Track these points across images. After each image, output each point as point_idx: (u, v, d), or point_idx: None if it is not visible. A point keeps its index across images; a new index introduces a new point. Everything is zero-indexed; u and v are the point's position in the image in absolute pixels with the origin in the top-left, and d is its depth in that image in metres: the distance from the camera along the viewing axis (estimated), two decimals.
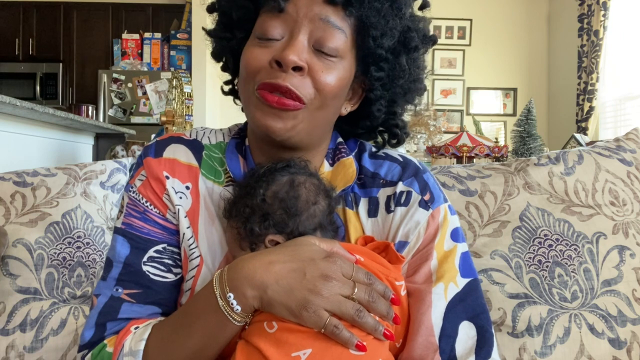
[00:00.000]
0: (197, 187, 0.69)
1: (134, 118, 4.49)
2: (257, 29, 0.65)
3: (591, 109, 4.21)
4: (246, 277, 0.56)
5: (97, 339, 0.65)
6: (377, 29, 0.64)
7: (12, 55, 4.99)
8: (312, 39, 0.62)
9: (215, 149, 0.72)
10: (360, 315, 0.55)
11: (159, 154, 0.70)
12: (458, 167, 1.01)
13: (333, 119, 0.69)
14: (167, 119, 2.28)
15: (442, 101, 5.13)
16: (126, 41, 4.85)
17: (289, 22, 0.62)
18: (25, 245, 0.93)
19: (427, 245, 0.67)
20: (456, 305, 0.65)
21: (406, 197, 0.68)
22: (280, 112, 0.62)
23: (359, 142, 0.76)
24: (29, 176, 1.02)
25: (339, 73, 0.64)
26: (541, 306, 0.85)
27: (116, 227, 0.69)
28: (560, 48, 4.94)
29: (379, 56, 0.66)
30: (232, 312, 0.56)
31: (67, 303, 0.93)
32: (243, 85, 0.66)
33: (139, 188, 0.69)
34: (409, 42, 0.68)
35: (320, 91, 0.62)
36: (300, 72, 0.61)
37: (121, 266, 0.67)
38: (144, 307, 0.66)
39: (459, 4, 5.06)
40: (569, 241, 0.88)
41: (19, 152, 2.45)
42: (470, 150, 2.58)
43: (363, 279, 0.58)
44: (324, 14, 0.62)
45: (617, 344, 0.83)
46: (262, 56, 0.62)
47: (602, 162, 0.96)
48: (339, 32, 0.63)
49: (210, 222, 0.68)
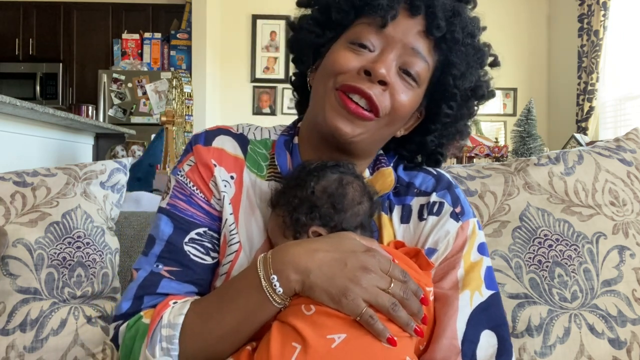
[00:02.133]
0: (241, 177, 0.73)
1: (134, 118, 4.49)
2: (353, 34, 0.68)
3: (591, 109, 4.21)
4: (291, 261, 0.59)
5: (133, 310, 0.67)
6: (459, 70, 0.69)
7: (12, 55, 4.99)
8: (399, 62, 0.67)
9: (260, 145, 0.76)
10: (395, 309, 0.58)
11: (209, 142, 0.73)
12: (458, 167, 1.01)
13: (390, 136, 0.74)
14: (167, 119, 2.28)
15: None
16: (126, 41, 4.85)
17: (384, 40, 0.67)
18: (25, 245, 0.93)
19: (455, 255, 0.70)
20: (480, 314, 0.68)
21: (439, 207, 0.72)
22: (353, 118, 0.65)
23: (396, 156, 0.79)
24: (29, 176, 1.02)
25: (414, 98, 0.68)
26: (541, 306, 0.85)
27: (161, 207, 0.72)
28: (560, 48, 4.94)
29: (453, 95, 0.71)
30: (273, 294, 0.59)
31: (67, 303, 0.93)
32: (322, 82, 0.69)
33: (187, 172, 0.72)
34: (478, 91, 0.73)
35: (394, 109, 0.67)
36: (384, 86, 0.65)
37: (163, 244, 0.69)
38: (182, 284, 0.68)
39: None
40: (569, 241, 0.88)
41: (19, 152, 2.46)
42: (470, 150, 2.58)
43: (399, 275, 0.61)
44: (416, 43, 0.67)
45: (617, 344, 0.83)
46: (353, 61, 0.66)
47: (602, 162, 0.96)
48: (423, 62, 0.67)
49: (250, 212, 0.72)
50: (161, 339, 0.62)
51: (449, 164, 1.62)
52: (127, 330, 0.66)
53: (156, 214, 0.73)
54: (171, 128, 2.29)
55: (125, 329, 0.66)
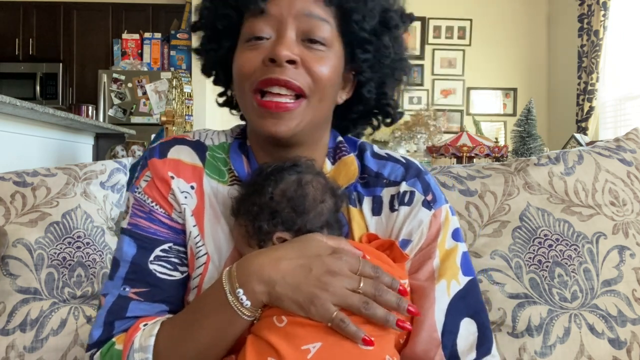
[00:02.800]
0: (201, 186, 0.70)
1: (134, 118, 4.49)
2: (244, 33, 0.67)
3: (591, 109, 4.21)
4: (255, 272, 0.58)
5: (105, 337, 0.65)
6: (357, 12, 0.66)
7: (12, 55, 4.98)
8: (299, 34, 0.65)
9: (219, 150, 0.74)
10: (367, 307, 0.56)
11: (164, 154, 0.71)
12: (458, 167, 1.00)
13: (331, 109, 0.71)
14: (167, 119, 2.28)
15: (442, 101, 5.13)
16: (126, 41, 4.85)
17: (274, 22, 0.64)
18: (25, 245, 0.93)
19: (429, 244, 0.69)
20: (458, 302, 0.66)
21: (409, 196, 0.70)
22: (281, 115, 0.64)
23: (359, 142, 0.77)
24: (29, 176, 1.02)
25: (330, 62, 0.66)
26: (541, 306, 0.85)
27: (122, 228, 0.70)
28: (560, 48, 4.93)
29: (363, 39, 0.68)
30: (241, 307, 0.58)
31: (67, 303, 0.93)
32: (239, 92, 0.68)
33: (145, 189, 0.70)
34: (389, 22, 0.70)
35: (316, 81, 0.64)
36: (295, 65, 0.63)
37: (128, 265, 0.68)
38: (152, 305, 0.67)
39: (459, 4, 5.06)
40: (569, 241, 0.88)
41: (19, 152, 2.45)
42: (470, 150, 2.58)
43: (369, 272, 0.59)
44: (307, 8, 0.64)
45: (617, 344, 0.83)
46: (255, 57, 0.64)
47: (602, 162, 0.96)
48: (323, 23, 0.65)
49: (215, 221, 0.70)
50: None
51: (448, 164, 1.62)
52: (101, 358, 0.64)
53: (119, 235, 0.70)
54: (171, 128, 2.29)
55: (99, 357, 0.65)
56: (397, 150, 3.14)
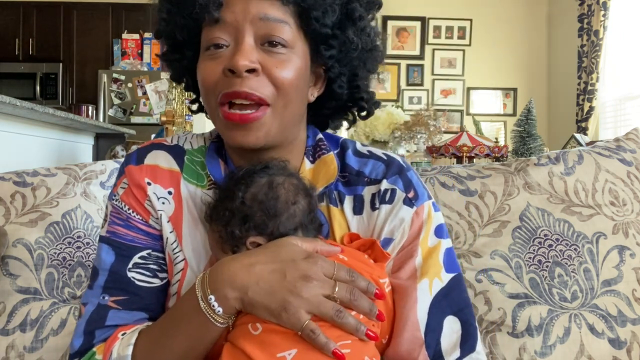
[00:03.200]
0: (179, 191, 0.70)
1: (134, 118, 4.49)
2: (203, 41, 0.65)
3: (591, 109, 4.21)
4: (227, 279, 0.57)
5: (86, 347, 0.65)
6: (316, 9, 0.64)
7: (12, 55, 4.98)
8: (257, 38, 0.63)
9: (197, 153, 0.73)
10: (340, 316, 0.55)
11: (140, 161, 0.70)
12: (458, 167, 1.00)
13: (302, 109, 0.69)
14: (167, 119, 2.28)
15: (442, 101, 5.13)
16: (126, 41, 4.85)
17: (231, 29, 0.63)
18: (25, 245, 0.93)
19: (411, 242, 0.68)
20: (441, 301, 0.65)
21: (390, 194, 0.69)
22: (247, 126, 0.63)
23: (340, 140, 0.76)
24: (29, 176, 1.02)
25: (293, 64, 0.64)
26: (541, 306, 0.85)
27: (101, 236, 0.70)
28: (560, 48, 4.94)
29: (326, 35, 0.66)
30: (213, 314, 0.57)
31: (67, 303, 0.93)
32: (206, 102, 0.67)
33: (122, 196, 0.69)
34: (352, 13, 0.67)
35: (279, 87, 0.63)
36: (255, 73, 0.62)
37: (107, 274, 0.67)
38: (131, 313, 0.66)
39: (459, 4, 5.06)
40: (569, 241, 0.88)
41: (19, 152, 2.45)
42: (470, 150, 2.58)
43: (345, 276, 0.58)
44: (262, 12, 0.62)
45: (617, 344, 0.83)
46: (215, 68, 0.63)
47: (602, 162, 0.96)
48: (282, 25, 0.63)
49: (193, 225, 0.69)
50: None
51: (448, 164, 1.61)
52: None
53: (98, 243, 0.70)
54: (171, 128, 2.30)
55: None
56: (397, 150, 3.14)
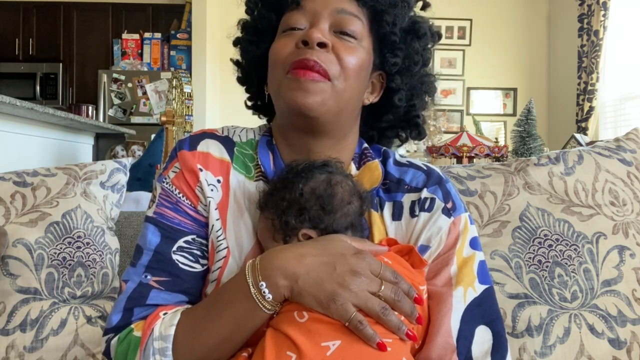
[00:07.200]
0: (227, 180, 0.72)
1: (134, 118, 4.49)
2: (281, 26, 0.71)
3: (591, 109, 4.21)
4: (279, 267, 0.58)
5: (124, 323, 0.66)
6: (389, 14, 0.71)
7: (12, 55, 4.98)
8: (332, 26, 0.69)
9: (246, 146, 0.76)
10: (385, 313, 0.57)
11: (194, 147, 0.73)
12: (458, 167, 1.01)
13: (357, 105, 0.73)
14: (167, 119, 2.28)
15: (442, 101, 5.13)
16: (126, 41, 4.85)
17: (309, 16, 0.69)
18: (25, 245, 0.93)
19: (448, 251, 0.70)
20: (473, 310, 0.67)
21: (430, 203, 0.71)
22: (308, 86, 0.65)
23: (383, 149, 0.79)
24: (29, 176, 1.02)
25: (359, 54, 0.69)
26: (541, 306, 0.85)
27: (147, 216, 0.71)
28: (560, 48, 4.93)
29: (393, 41, 0.72)
30: (263, 300, 0.59)
31: (67, 303, 0.93)
32: (274, 77, 0.70)
33: (173, 179, 0.71)
34: (419, 30, 0.74)
35: (344, 69, 0.67)
36: (325, 48, 0.67)
37: (151, 254, 0.69)
38: (172, 294, 0.68)
39: (459, 4, 5.06)
40: (569, 241, 0.88)
41: (19, 152, 2.45)
42: (470, 150, 2.58)
43: (390, 277, 0.60)
44: (340, 6, 0.69)
45: (617, 344, 0.83)
46: (289, 43, 0.68)
47: (602, 162, 0.96)
48: (355, 19, 0.69)
49: (239, 215, 0.71)
50: (154, 351, 0.61)
51: (448, 164, 1.62)
52: (118, 343, 0.65)
53: (143, 222, 0.71)
54: (171, 128, 2.29)
55: (116, 342, 0.65)
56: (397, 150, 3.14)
